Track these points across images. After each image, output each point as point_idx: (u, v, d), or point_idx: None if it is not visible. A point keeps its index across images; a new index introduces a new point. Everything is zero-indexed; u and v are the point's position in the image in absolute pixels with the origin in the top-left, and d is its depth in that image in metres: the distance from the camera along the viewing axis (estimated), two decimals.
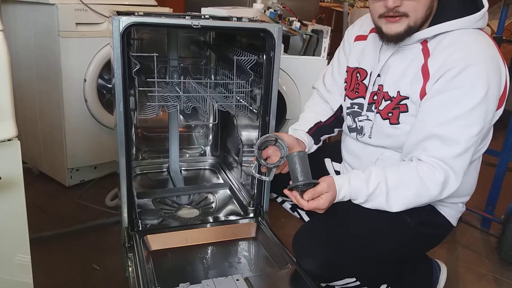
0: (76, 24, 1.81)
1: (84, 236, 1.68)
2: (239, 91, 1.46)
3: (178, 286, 1.10)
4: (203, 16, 1.36)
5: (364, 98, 1.21)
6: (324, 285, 1.24)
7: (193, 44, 1.90)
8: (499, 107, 1.08)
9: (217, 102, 1.44)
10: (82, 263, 1.51)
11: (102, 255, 1.56)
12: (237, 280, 1.15)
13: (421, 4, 1.04)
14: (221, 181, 1.90)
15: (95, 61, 1.89)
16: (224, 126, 1.99)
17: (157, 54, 1.31)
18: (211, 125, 2.04)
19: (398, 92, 1.12)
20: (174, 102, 1.41)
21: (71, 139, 1.94)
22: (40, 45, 1.88)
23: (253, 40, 1.54)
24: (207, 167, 2.03)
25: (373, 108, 1.19)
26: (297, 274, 1.19)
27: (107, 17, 1.86)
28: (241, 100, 1.48)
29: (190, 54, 1.91)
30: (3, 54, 0.77)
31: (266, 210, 1.49)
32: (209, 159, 2.06)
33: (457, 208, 1.23)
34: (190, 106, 1.42)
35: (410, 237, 1.17)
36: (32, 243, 0.89)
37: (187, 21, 1.23)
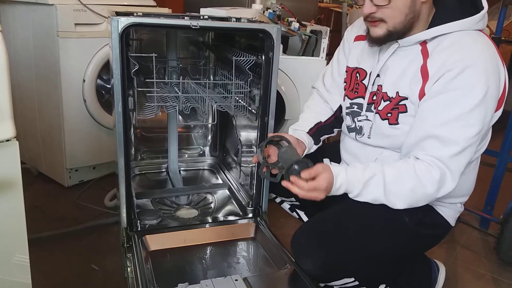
0: (75, 24, 1.80)
1: (83, 236, 1.68)
2: (238, 92, 1.46)
3: (177, 286, 1.10)
4: (202, 17, 1.36)
5: (363, 98, 1.22)
6: (322, 285, 1.24)
7: (192, 44, 1.91)
8: (498, 108, 1.08)
9: (216, 102, 1.44)
10: (81, 264, 1.51)
11: (101, 256, 1.56)
12: (236, 280, 1.15)
13: (396, 11, 1.05)
14: (220, 181, 1.90)
15: (94, 61, 1.89)
16: (223, 126, 1.99)
17: (156, 55, 1.31)
18: (210, 125, 2.04)
19: (397, 92, 1.12)
20: (173, 103, 1.41)
21: (70, 140, 1.94)
22: (39, 46, 1.88)
23: (252, 40, 1.54)
24: (206, 168, 2.03)
25: (372, 108, 1.19)
26: (296, 274, 1.19)
27: (106, 18, 1.86)
28: (240, 100, 1.48)
29: (189, 55, 1.91)
30: (1, 55, 0.77)
31: (265, 210, 1.49)
32: (208, 160, 2.06)
33: (456, 208, 1.23)
34: (189, 107, 1.42)
35: (409, 237, 1.17)
36: (31, 243, 0.89)
37: (186, 22, 1.23)
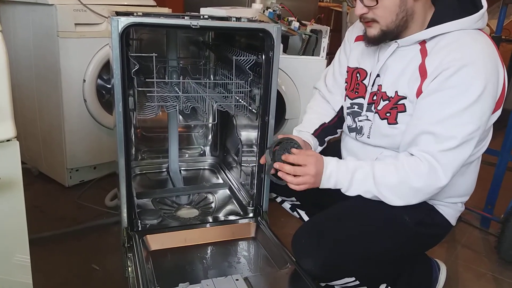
0: (75, 24, 1.80)
1: (84, 236, 1.68)
2: (238, 91, 1.46)
3: (177, 286, 1.10)
4: (202, 16, 1.36)
5: (363, 98, 1.22)
6: (323, 284, 1.24)
7: (192, 44, 1.90)
8: (497, 108, 1.08)
9: (216, 102, 1.44)
10: (82, 263, 1.51)
11: (101, 255, 1.56)
12: (237, 280, 1.15)
13: (386, 11, 1.06)
14: (220, 181, 1.90)
15: (94, 61, 1.89)
16: (223, 126, 1.99)
17: (156, 54, 1.31)
18: (210, 125, 2.04)
19: (396, 92, 1.12)
20: (173, 102, 1.41)
21: (70, 139, 1.94)
22: (39, 46, 1.88)
23: (252, 40, 1.53)
24: (206, 167, 2.03)
25: (372, 108, 1.19)
26: (296, 273, 1.19)
27: (106, 18, 1.86)
28: (240, 100, 1.48)
29: (189, 54, 1.91)
30: (2, 55, 0.77)
31: (265, 210, 1.49)
32: (209, 159, 2.06)
33: (456, 208, 1.23)
34: (189, 106, 1.42)
35: (409, 236, 1.17)
36: (31, 243, 0.89)
37: (186, 21, 1.23)
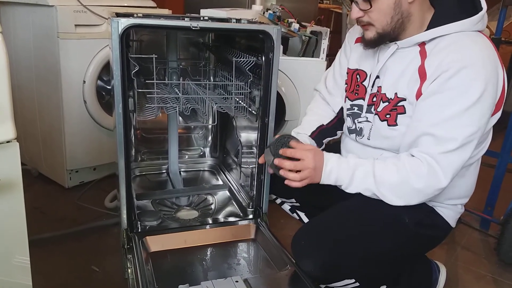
0: (75, 25, 1.81)
1: (84, 237, 1.68)
2: (238, 93, 1.46)
3: (177, 287, 1.10)
4: (202, 18, 1.37)
5: (363, 99, 1.22)
6: (323, 286, 1.24)
7: (192, 45, 1.91)
8: (497, 110, 1.08)
9: (216, 103, 1.44)
10: (82, 265, 1.51)
11: (101, 257, 1.56)
12: (236, 281, 1.15)
13: (381, 14, 1.06)
14: (220, 182, 1.90)
15: (94, 62, 1.89)
16: (223, 127, 1.99)
17: (156, 56, 1.31)
18: (210, 126, 2.04)
19: (396, 93, 1.12)
20: (173, 104, 1.41)
21: (70, 141, 1.94)
22: (39, 47, 1.88)
23: (252, 41, 1.54)
24: (206, 169, 2.03)
25: (372, 109, 1.19)
26: (296, 275, 1.19)
27: (106, 19, 1.86)
28: (240, 101, 1.48)
29: (189, 56, 1.91)
30: (2, 56, 0.77)
31: (265, 211, 1.48)
32: (208, 161, 2.06)
33: (456, 210, 1.23)
34: (189, 108, 1.42)
35: (409, 238, 1.17)
36: (31, 244, 0.89)
37: (186, 23, 1.23)
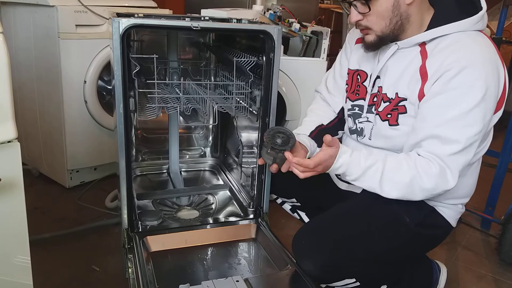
0: (76, 25, 1.81)
1: (84, 237, 1.68)
2: (239, 93, 1.46)
3: (178, 287, 1.10)
4: (202, 18, 1.37)
5: (364, 100, 1.22)
6: (324, 286, 1.24)
7: (192, 45, 1.91)
8: (498, 109, 1.08)
9: (217, 103, 1.44)
10: (82, 265, 1.51)
11: (102, 257, 1.56)
12: (237, 281, 1.15)
13: (379, 17, 1.07)
14: (221, 182, 1.90)
15: (95, 62, 1.89)
16: (224, 127, 1.99)
17: (157, 56, 1.31)
18: (211, 126, 2.04)
19: (397, 93, 1.12)
20: (174, 104, 1.41)
21: (71, 141, 1.94)
22: (40, 47, 1.88)
23: (252, 41, 1.54)
24: (207, 168, 2.03)
25: (373, 109, 1.19)
26: (297, 275, 1.19)
27: (107, 19, 1.86)
28: (241, 101, 1.48)
29: (189, 56, 1.91)
30: (3, 56, 0.77)
31: (266, 211, 1.49)
32: (209, 160, 2.06)
33: (457, 209, 1.23)
34: (190, 108, 1.42)
35: (410, 237, 1.17)
36: (32, 244, 0.89)
37: (186, 23, 1.23)
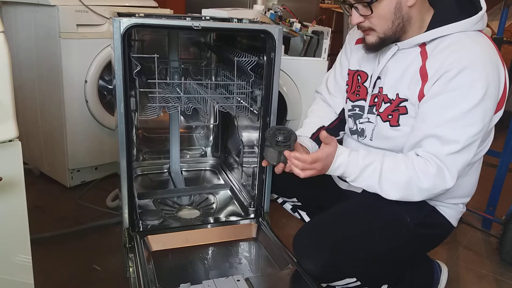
0: (77, 25, 1.81)
1: (85, 237, 1.68)
2: (239, 92, 1.46)
3: (179, 286, 1.10)
4: (203, 18, 1.37)
5: (365, 100, 1.22)
6: (324, 285, 1.24)
7: (193, 45, 1.91)
8: (499, 109, 1.08)
9: (217, 103, 1.44)
10: (83, 264, 1.51)
11: (103, 256, 1.56)
12: (238, 280, 1.15)
13: (382, 19, 1.06)
14: (221, 181, 1.90)
15: (96, 62, 1.90)
16: (224, 127, 1.99)
17: (158, 55, 1.31)
18: (211, 126, 2.05)
19: (397, 94, 1.12)
20: (174, 103, 1.41)
21: (72, 140, 1.94)
22: (41, 46, 1.89)
23: (253, 41, 1.54)
24: (207, 168, 2.03)
25: (374, 110, 1.19)
26: (297, 274, 1.19)
27: (108, 19, 1.86)
28: (242, 101, 1.48)
29: (190, 55, 1.91)
30: (4, 55, 0.77)
31: (266, 210, 1.49)
32: (210, 160, 2.06)
33: (458, 209, 1.23)
34: (191, 107, 1.42)
35: (411, 237, 1.17)
36: (33, 243, 0.89)
37: (187, 23, 1.23)
